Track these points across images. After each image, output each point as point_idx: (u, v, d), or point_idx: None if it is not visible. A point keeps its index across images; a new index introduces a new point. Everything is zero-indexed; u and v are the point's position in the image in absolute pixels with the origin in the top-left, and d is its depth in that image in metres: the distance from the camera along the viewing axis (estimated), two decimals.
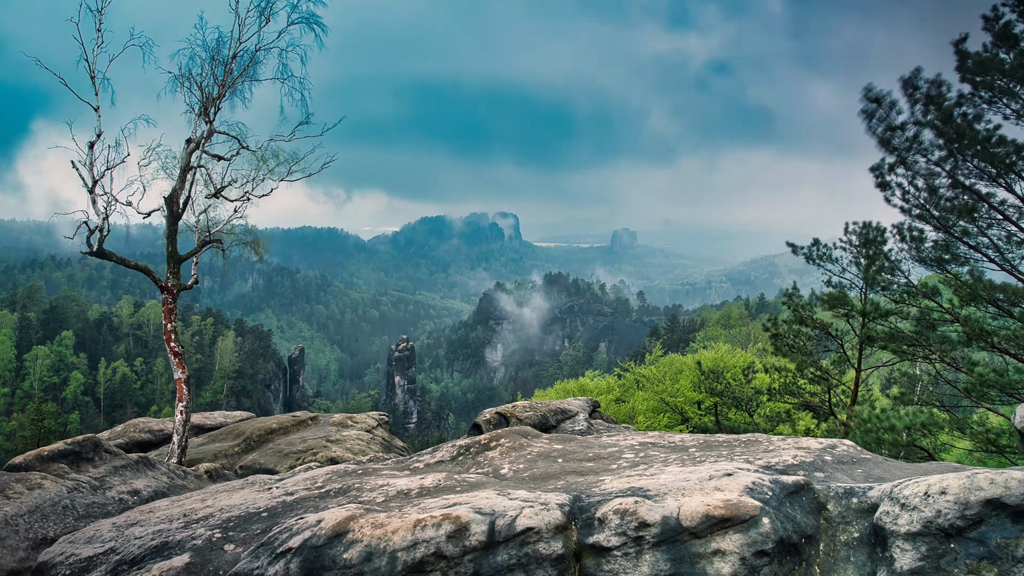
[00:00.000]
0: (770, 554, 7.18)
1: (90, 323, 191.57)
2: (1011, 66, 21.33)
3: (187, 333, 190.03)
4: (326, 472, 12.28)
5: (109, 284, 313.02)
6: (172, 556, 8.58)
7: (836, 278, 28.19)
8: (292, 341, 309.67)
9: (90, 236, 20.39)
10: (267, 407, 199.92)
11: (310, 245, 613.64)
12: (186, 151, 22.53)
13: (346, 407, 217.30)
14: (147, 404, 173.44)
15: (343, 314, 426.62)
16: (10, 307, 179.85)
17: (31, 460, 14.26)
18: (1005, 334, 22.26)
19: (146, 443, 25.48)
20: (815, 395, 31.20)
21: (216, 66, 23.00)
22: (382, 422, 28.74)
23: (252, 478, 13.73)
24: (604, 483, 9.39)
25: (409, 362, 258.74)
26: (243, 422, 28.08)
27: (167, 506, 11.19)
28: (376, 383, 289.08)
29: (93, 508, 13.22)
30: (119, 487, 14.44)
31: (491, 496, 8.39)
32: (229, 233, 24.23)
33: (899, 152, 24.04)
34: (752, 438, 12.47)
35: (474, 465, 11.95)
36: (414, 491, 9.71)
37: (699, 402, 44.11)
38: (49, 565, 9.34)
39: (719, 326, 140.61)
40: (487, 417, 21.66)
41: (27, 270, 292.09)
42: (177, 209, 22.08)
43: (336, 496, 10.26)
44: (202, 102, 22.89)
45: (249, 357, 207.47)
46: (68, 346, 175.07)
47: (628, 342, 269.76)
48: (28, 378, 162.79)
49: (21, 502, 12.34)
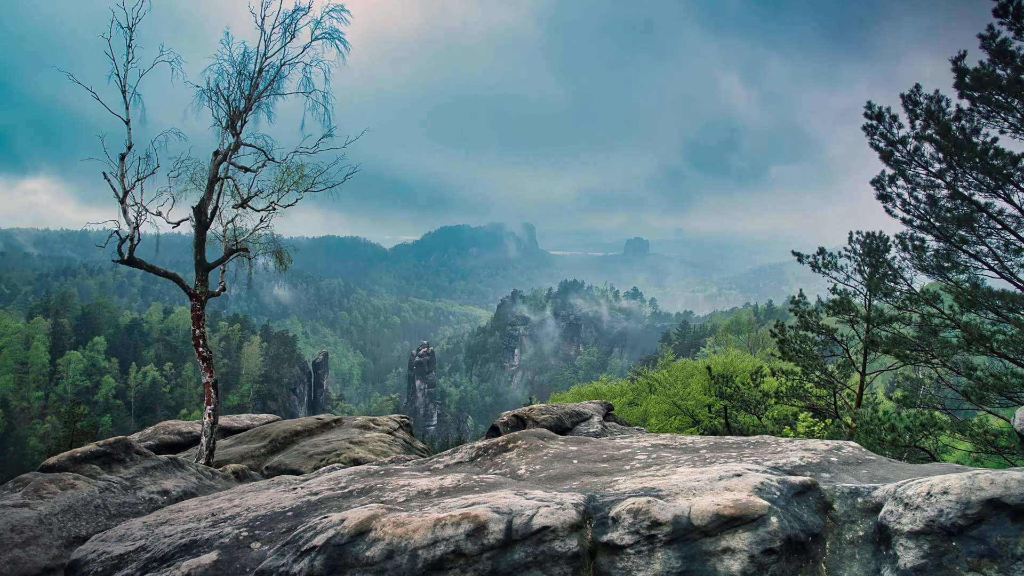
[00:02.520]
0: (778, 552, 7.17)
1: (121, 329, 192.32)
2: (1008, 81, 21.37)
3: (215, 338, 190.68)
4: (349, 473, 12.29)
5: (140, 291, 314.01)
6: (200, 554, 8.59)
7: (841, 285, 28.30)
8: (316, 346, 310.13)
9: (121, 245, 20.47)
10: (292, 410, 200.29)
11: (333, 253, 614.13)
12: (214, 163, 22.63)
13: (368, 410, 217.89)
14: (176, 407, 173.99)
15: (365, 320, 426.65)
16: (44, 313, 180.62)
17: (64, 461, 14.31)
18: (1003, 339, 22.27)
19: (175, 445, 25.54)
20: (821, 398, 31.20)
21: (242, 80, 23.12)
22: (403, 424, 28.75)
23: (278, 478, 13.76)
24: (618, 483, 9.38)
25: (429, 367, 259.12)
26: (269, 424, 28.12)
27: (196, 506, 11.21)
28: (397, 387, 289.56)
29: (124, 507, 13.25)
30: (149, 487, 14.48)
31: (509, 496, 8.39)
32: (255, 242, 24.31)
33: (900, 165, 24.09)
34: (760, 440, 12.44)
35: (492, 466, 11.94)
36: (434, 491, 9.71)
37: (709, 405, 44.08)
38: (82, 562, 9.36)
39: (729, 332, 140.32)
40: (504, 420, 21.65)
41: (60, 278, 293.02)
42: (205, 219, 22.16)
43: (359, 496, 10.26)
44: (229, 115, 23.02)
45: (275, 362, 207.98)
46: (100, 351, 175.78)
47: (641, 347, 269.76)
48: (62, 382, 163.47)
49: (55, 502, 12.39)
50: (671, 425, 46.06)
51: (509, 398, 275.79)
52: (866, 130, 24.73)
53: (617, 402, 51.12)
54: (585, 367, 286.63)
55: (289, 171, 23.96)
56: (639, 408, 52.18)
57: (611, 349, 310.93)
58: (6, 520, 11.44)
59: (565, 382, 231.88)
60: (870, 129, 24.66)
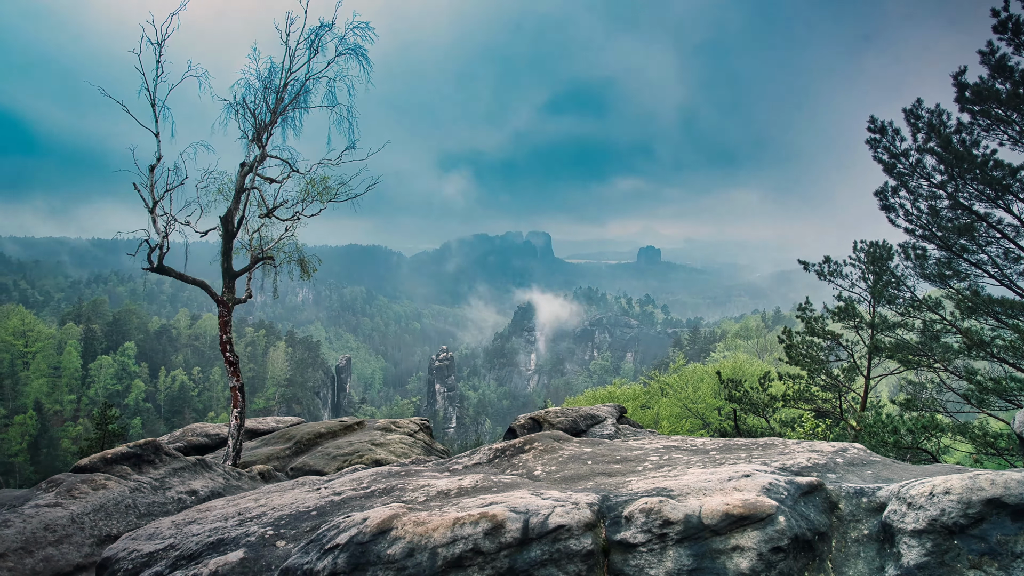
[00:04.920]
0: (785, 550, 7.18)
1: (151, 334, 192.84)
2: (1007, 95, 21.38)
3: (241, 344, 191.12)
4: (371, 473, 12.32)
5: (168, 298, 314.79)
6: (227, 552, 8.62)
7: (846, 292, 28.30)
8: (339, 351, 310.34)
9: (151, 253, 20.57)
10: (316, 413, 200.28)
11: (356, 261, 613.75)
12: (240, 174, 22.72)
13: (390, 413, 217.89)
14: (204, 410, 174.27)
15: (387, 326, 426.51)
16: (76, 319, 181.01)
17: (96, 462, 14.38)
18: (1003, 344, 22.26)
19: (203, 446, 25.60)
20: (827, 401, 31.18)
21: (268, 94, 23.22)
22: (423, 427, 28.79)
23: (302, 479, 13.78)
24: (630, 484, 9.39)
25: (449, 371, 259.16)
26: (293, 427, 28.16)
27: (223, 505, 11.24)
28: (418, 390, 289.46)
29: (153, 507, 13.31)
30: (178, 487, 14.53)
31: (525, 496, 8.41)
32: (280, 251, 24.40)
33: (903, 177, 24.12)
34: (769, 442, 12.43)
35: (509, 467, 11.96)
36: (453, 491, 9.73)
37: (719, 408, 44.15)
38: (112, 560, 9.40)
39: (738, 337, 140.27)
40: (521, 422, 21.66)
41: (92, 285, 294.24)
42: (232, 228, 22.25)
43: (380, 496, 10.28)
44: (255, 128, 23.10)
45: (299, 366, 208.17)
46: (130, 356, 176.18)
47: (653, 352, 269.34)
48: (93, 386, 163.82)
49: (87, 501, 12.45)
50: (682, 427, 46.13)
51: (525, 401, 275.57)
52: (870, 143, 24.76)
53: (630, 405, 51.18)
54: (599, 371, 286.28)
55: (313, 182, 24.06)
56: (651, 411, 52.26)
57: (624, 354, 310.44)
58: (40, 519, 11.51)
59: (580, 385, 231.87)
60: (873, 142, 24.69)
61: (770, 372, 35.53)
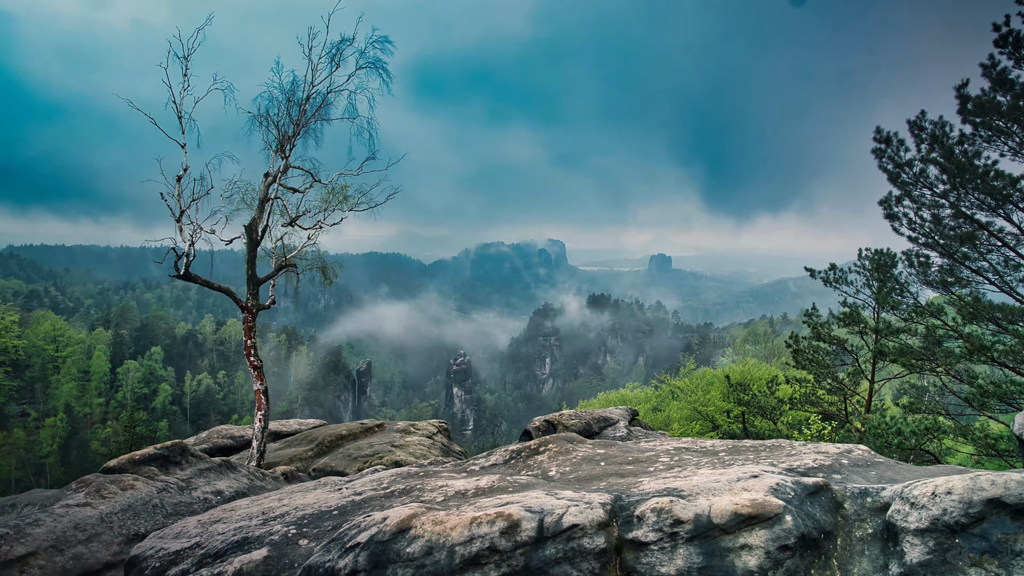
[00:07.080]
0: (792, 548, 7.20)
1: (177, 339, 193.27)
2: (1008, 107, 21.36)
3: (265, 348, 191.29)
4: (391, 474, 12.35)
5: (195, 304, 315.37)
6: (252, 550, 8.66)
7: (851, 299, 28.27)
8: (360, 355, 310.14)
9: (177, 261, 20.62)
10: (337, 415, 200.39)
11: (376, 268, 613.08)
12: (264, 184, 22.80)
13: (409, 415, 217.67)
14: (229, 413, 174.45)
15: (406, 332, 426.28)
16: (105, 325, 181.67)
17: (124, 463, 14.44)
18: (1003, 349, 22.19)
19: (228, 448, 25.67)
20: (832, 404, 31.14)
21: (291, 107, 23.30)
22: (442, 429, 28.77)
23: (324, 480, 13.81)
24: (642, 484, 9.41)
25: (466, 375, 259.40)
26: (316, 429, 28.19)
27: (247, 505, 11.28)
28: (436, 394, 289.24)
29: (180, 507, 13.37)
30: (203, 488, 14.59)
31: (540, 496, 8.44)
32: (302, 258, 24.44)
33: (906, 186, 24.10)
34: (776, 443, 12.44)
35: (525, 468, 11.98)
36: (470, 491, 9.76)
37: (728, 411, 44.00)
38: (140, 558, 9.45)
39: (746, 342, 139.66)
40: (536, 424, 21.70)
41: (120, 291, 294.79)
42: (256, 236, 22.32)
43: (400, 496, 10.32)
44: (279, 140, 23.18)
45: (321, 370, 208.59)
46: (157, 360, 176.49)
47: (664, 357, 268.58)
48: (121, 389, 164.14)
49: (115, 501, 12.52)
50: (692, 430, 46.00)
51: (540, 404, 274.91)
52: (875, 153, 24.75)
53: (641, 408, 51.20)
54: (612, 375, 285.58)
55: (334, 192, 24.12)
56: (662, 414, 52.22)
57: (636, 358, 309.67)
58: (70, 518, 11.57)
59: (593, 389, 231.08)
60: (878, 152, 24.67)
61: (778, 376, 35.61)
